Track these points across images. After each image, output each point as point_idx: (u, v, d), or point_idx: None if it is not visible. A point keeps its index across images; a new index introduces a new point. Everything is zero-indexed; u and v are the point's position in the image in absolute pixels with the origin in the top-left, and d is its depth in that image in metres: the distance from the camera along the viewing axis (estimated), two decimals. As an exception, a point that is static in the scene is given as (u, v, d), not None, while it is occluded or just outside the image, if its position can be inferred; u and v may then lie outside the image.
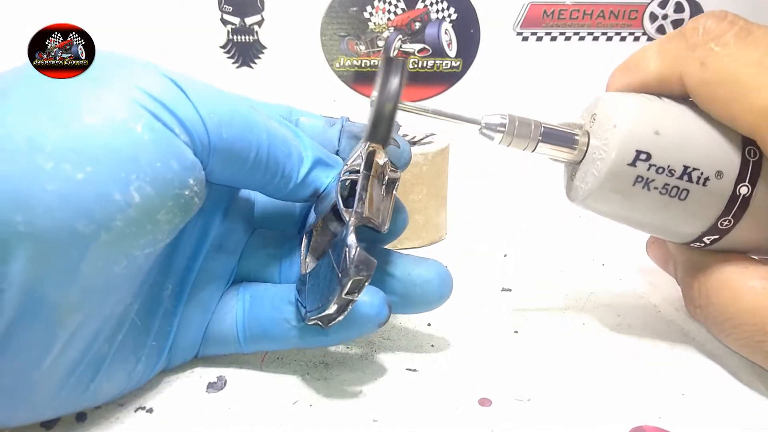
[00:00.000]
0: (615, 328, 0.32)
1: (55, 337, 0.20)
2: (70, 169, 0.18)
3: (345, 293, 0.22)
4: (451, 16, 0.64)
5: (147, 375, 0.25)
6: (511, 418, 0.24)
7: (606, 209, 0.27)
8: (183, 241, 0.26)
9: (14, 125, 0.19)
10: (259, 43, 0.64)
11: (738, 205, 0.25)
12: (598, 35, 0.65)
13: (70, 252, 0.19)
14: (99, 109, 0.20)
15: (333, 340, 0.26)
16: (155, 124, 0.20)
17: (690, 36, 0.25)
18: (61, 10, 0.60)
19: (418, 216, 0.43)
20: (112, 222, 0.19)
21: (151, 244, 0.21)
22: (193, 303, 0.26)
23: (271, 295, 0.27)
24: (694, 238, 0.27)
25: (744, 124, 0.24)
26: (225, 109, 0.23)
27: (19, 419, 0.21)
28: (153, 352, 0.25)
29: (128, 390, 0.25)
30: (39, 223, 0.18)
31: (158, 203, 0.20)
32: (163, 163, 0.20)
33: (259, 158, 0.24)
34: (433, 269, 0.27)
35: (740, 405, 0.26)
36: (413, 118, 0.27)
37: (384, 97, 0.23)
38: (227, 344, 0.27)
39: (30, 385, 0.20)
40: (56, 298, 0.19)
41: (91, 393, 0.22)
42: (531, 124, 0.27)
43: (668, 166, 0.25)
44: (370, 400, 0.26)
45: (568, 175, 0.29)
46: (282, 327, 0.26)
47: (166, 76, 0.21)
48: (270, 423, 0.24)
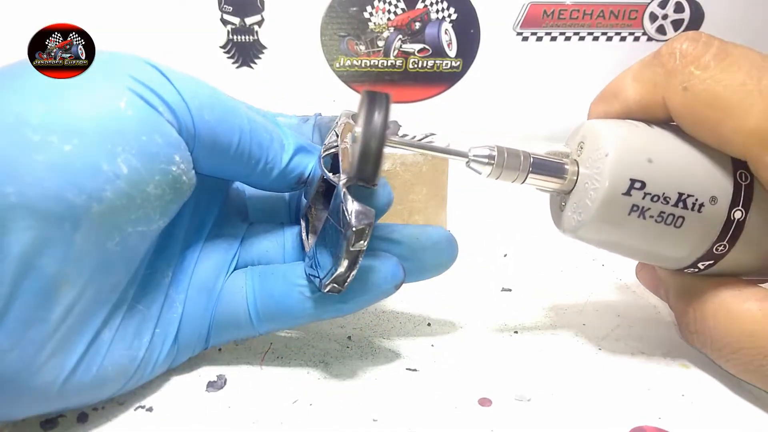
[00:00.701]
0: (615, 329, 0.32)
1: (52, 313, 0.20)
2: (57, 141, 0.19)
3: (352, 245, 0.23)
4: (451, 16, 0.64)
5: (154, 364, 0.25)
6: (511, 418, 0.24)
7: (599, 239, 0.26)
8: (181, 231, 0.26)
9: (3, 103, 0.20)
10: (259, 43, 0.64)
11: (733, 229, 0.25)
12: (598, 35, 0.65)
13: (63, 223, 0.20)
14: (85, 89, 0.21)
15: (351, 308, 0.26)
16: (139, 102, 0.21)
17: (667, 61, 0.25)
18: (61, 10, 0.60)
19: (418, 216, 0.43)
20: (102, 192, 0.20)
21: (143, 221, 0.22)
22: (194, 288, 0.27)
23: (282, 270, 0.27)
24: (687, 264, 0.26)
25: (733, 147, 0.24)
26: (206, 93, 0.24)
27: (22, 410, 0.21)
28: (158, 339, 0.25)
29: (136, 381, 0.24)
30: (30, 193, 0.19)
31: (146, 176, 0.21)
32: (148, 137, 0.21)
33: (243, 143, 0.25)
34: (439, 232, 0.28)
35: (740, 405, 0.26)
36: (413, 118, 0.27)
37: (369, 134, 0.22)
38: (239, 327, 0.27)
39: (32, 368, 0.20)
40: (53, 270, 0.20)
41: (95, 380, 0.22)
42: (520, 155, 0.26)
43: (663, 193, 0.24)
44: (370, 400, 0.26)
45: (555, 205, 0.28)
46: (297, 299, 0.26)
47: (150, 64, 0.23)
48: (270, 422, 0.24)
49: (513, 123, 0.70)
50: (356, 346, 0.30)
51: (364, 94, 0.23)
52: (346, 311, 0.26)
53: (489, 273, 0.39)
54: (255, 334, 0.27)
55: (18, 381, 0.20)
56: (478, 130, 0.70)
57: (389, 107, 0.22)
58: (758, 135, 0.23)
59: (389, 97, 0.23)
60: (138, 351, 0.24)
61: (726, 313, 0.25)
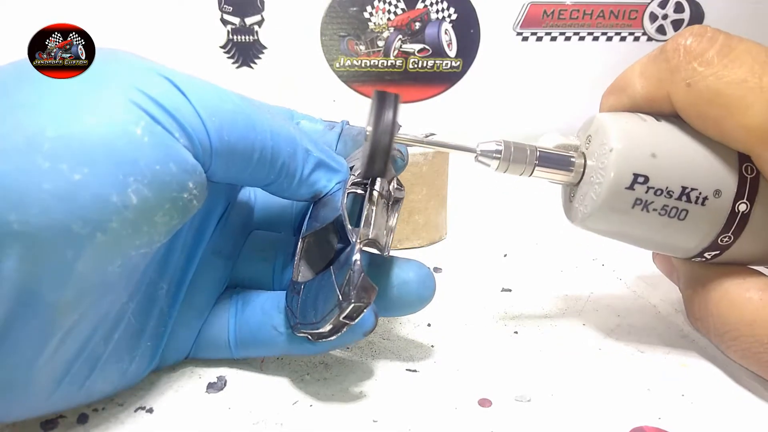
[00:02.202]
0: (615, 329, 0.32)
1: (51, 336, 0.20)
2: (67, 170, 0.18)
3: (343, 317, 0.23)
4: (451, 16, 0.64)
5: (140, 374, 0.25)
6: (511, 419, 0.24)
7: (605, 230, 0.27)
8: (179, 242, 0.26)
9: (14, 124, 0.19)
10: (259, 43, 0.64)
11: (737, 222, 0.25)
12: (598, 35, 0.65)
13: (64, 252, 0.19)
14: (98, 110, 0.20)
15: (319, 349, 0.26)
16: (155, 128, 0.20)
17: (672, 57, 0.25)
18: (61, 10, 0.60)
19: (418, 216, 0.43)
20: (108, 223, 0.19)
21: (147, 244, 0.21)
22: (188, 305, 0.27)
23: (261, 301, 0.27)
24: (694, 254, 0.27)
25: (737, 143, 0.24)
26: (227, 109, 0.22)
27: (14, 415, 0.22)
28: (147, 352, 0.25)
29: (121, 388, 0.25)
30: (33, 223, 0.18)
31: (155, 205, 0.20)
32: (162, 166, 0.20)
33: (263, 157, 0.24)
34: (412, 270, 0.27)
35: (740, 406, 0.26)
36: (413, 118, 0.27)
37: (379, 132, 0.23)
38: (218, 349, 0.27)
39: (25, 383, 0.20)
40: (51, 297, 0.19)
41: (85, 391, 0.22)
42: (526, 149, 0.27)
43: (666, 187, 0.25)
44: (370, 401, 0.26)
45: (565, 196, 0.29)
46: (270, 333, 0.26)
47: (166, 77, 0.21)
48: (270, 423, 0.24)
49: (513, 123, 0.70)
50: (356, 347, 0.30)
51: (375, 94, 0.23)
52: (313, 351, 0.26)
53: (489, 273, 0.39)
54: (232, 357, 0.27)
55: (10, 392, 0.20)
56: (477, 129, 0.70)
57: (398, 106, 0.23)
58: (759, 132, 0.23)
59: (398, 97, 0.23)
60: (129, 364, 0.24)
61: (728, 301, 0.26)
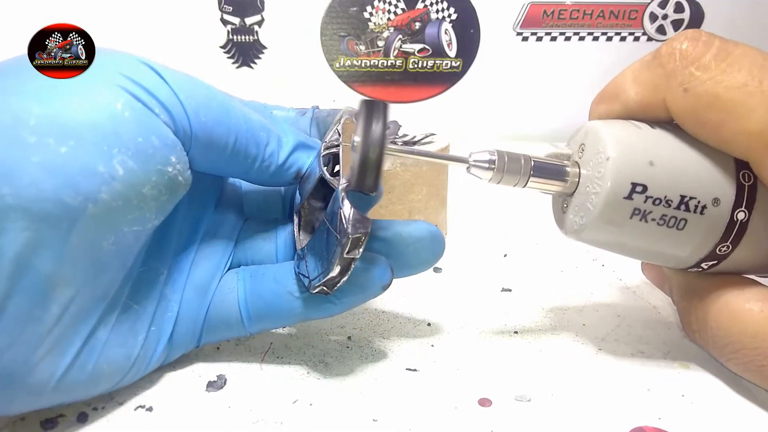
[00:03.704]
0: (615, 329, 0.32)
1: (48, 312, 0.20)
2: (54, 143, 0.20)
3: (346, 252, 0.23)
4: (451, 16, 0.64)
5: (148, 362, 0.25)
6: (511, 418, 0.24)
7: (601, 241, 0.26)
8: (176, 229, 0.27)
9: (1, 106, 0.20)
10: (259, 43, 0.64)
11: (736, 231, 0.25)
12: (598, 35, 0.65)
13: (59, 224, 0.20)
14: (82, 90, 0.21)
15: (339, 308, 0.26)
16: (135, 104, 0.21)
17: (667, 62, 0.24)
18: (61, 10, 0.60)
19: (418, 216, 0.43)
20: (98, 194, 0.20)
21: (139, 221, 0.22)
22: (191, 288, 0.27)
23: (272, 271, 0.28)
24: (691, 264, 0.26)
25: (735, 149, 0.24)
26: (202, 93, 0.24)
27: (19, 405, 0.22)
28: (152, 337, 0.25)
29: (130, 378, 0.25)
30: (26, 195, 0.19)
31: (142, 177, 0.21)
32: (144, 139, 0.21)
33: (239, 142, 0.25)
34: (424, 227, 0.27)
35: (740, 405, 0.26)
36: (413, 118, 0.27)
37: (368, 144, 0.22)
38: (230, 327, 0.27)
39: (28, 366, 0.20)
40: (48, 270, 0.20)
41: (90, 377, 0.22)
42: (520, 158, 0.26)
43: (665, 196, 0.24)
44: (370, 400, 0.26)
45: (557, 207, 0.28)
46: (286, 299, 0.26)
47: (147, 64, 0.23)
48: (270, 422, 0.24)
49: (513, 123, 0.70)
50: (356, 346, 0.30)
51: (362, 104, 0.22)
52: (334, 311, 0.26)
53: (489, 273, 0.39)
54: (245, 333, 0.27)
55: (13, 378, 0.20)
56: (477, 130, 0.70)
57: (387, 116, 0.22)
58: (760, 137, 0.23)
59: (387, 105, 0.23)
60: (133, 349, 0.24)
61: (728, 313, 0.25)
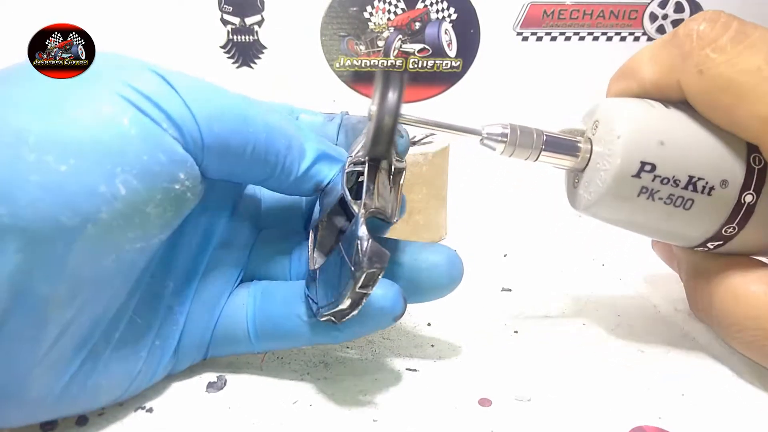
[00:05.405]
0: (615, 328, 0.32)
1: (46, 332, 0.20)
2: (53, 161, 0.19)
3: (359, 287, 0.22)
4: (451, 16, 0.64)
5: (152, 375, 0.25)
6: (511, 418, 0.24)
7: (609, 217, 0.27)
8: (185, 239, 0.26)
9: (2, 119, 0.19)
10: (259, 43, 0.64)
11: (743, 213, 0.25)
12: (598, 35, 0.65)
13: (56, 245, 0.19)
14: (85, 103, 0.20)
15: (346, 336, 0.26)
16: (142, 119, 0.20)
17: (684, 42, 0.24)
18: (61, 10, 0.60)
19: (418, 216, 0.43)
20: (98, 214, 0.19)
21: (141, 238, 0.21)
22: (199, 301, 0.26)
23: (282, 291, 0.27)
24: (697, 244, 0.27)
25: (748, 132, 0.24)
26: (217, 103, 0.22)
27: (15, 419, 0.21)
28: (156, 351, 0.25)
29: (132, 391, 0.24)
30: (23, 215, 0.18)
31: (146, 197, 0.20)
32: (150, 156, 0.20)
33: (257, 152, 0.24)
34: (441, 252, 0.26)
35: (740, 405, 0.26)
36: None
37: (383, 111, 0.22)
38: (238, 343, 0.26)
39: (25, 383, 0.20)
40: (45, 291, 0.19)
41: (89, 392, 0.22)
42: (533, 132, 0.26)
43: (673, 176, 0.24)
44: (370, 400, 0.26)
45: (569, 182, 0.29)
46: (294, 323, 0.25)
47: (156, 72, 0.21)
48: (270, 423, 0.24)
49: (513, 123, 0.70)
50: (356, 346, 0.30)
51: (380, 74, 0.23)
52: (340, 339, 0.26)
53: (489, 273, 0.39)
54: (253, 351, 0.27)
55: (9, 395, 0.20)
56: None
57: (404, 86, 0.22)
58: None
59: (404, 76, 0.23)
60: (135, 364, 0.24)
61: (732, 294, 0.26)
